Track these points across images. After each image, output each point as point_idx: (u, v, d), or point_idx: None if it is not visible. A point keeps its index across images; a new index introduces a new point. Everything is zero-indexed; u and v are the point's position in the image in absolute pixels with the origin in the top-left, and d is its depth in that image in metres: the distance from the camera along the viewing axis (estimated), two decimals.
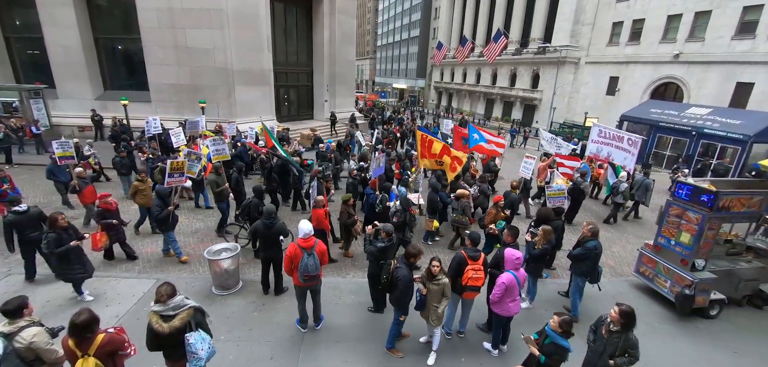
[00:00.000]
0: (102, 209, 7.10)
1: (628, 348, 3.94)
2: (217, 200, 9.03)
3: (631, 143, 11.89)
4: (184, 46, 17.93)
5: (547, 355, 3.97)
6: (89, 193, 8.87)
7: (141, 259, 7.86)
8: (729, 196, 6.28)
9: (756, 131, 16.66)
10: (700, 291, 6.49)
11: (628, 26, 29.19)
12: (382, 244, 5.73)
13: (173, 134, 12.98)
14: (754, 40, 21.50)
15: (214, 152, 9.98)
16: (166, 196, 7.54)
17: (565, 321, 3.89)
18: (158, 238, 8.57)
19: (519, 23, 40.30)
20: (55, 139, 10.24)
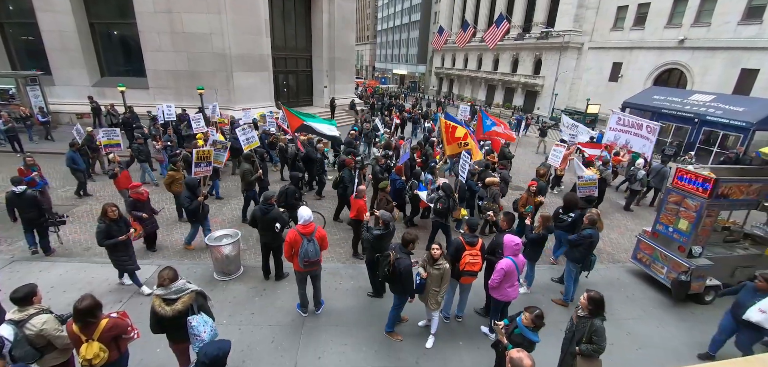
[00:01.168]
0: (133, 199, 7.05)
1: (593, 334, 3.94)
2: (246, 188, 8.90)
3: (650, 130, 11.85)
4: (180, 32, 17.72)
5: (514, 344, 3.94)
6: (124, 178, 8.94)
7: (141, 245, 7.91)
8: (728, 183, 6.28)
9: (759, 118, 16.56)
10: (695, 277, 6.55)
11: (634, 10, 28.71)
12: (378, 232, 5.79)
13: (194, 120, 12.94)
14: (761, 25, 21.18)
15: (244, 141, 9.98)
16: (196, 186, 7.50)
17: (536, 317, 3.91)
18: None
19: (522, 7, 39.64)
20: (73, 127, 10.55)
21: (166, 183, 8.62)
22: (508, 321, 4.19)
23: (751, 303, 4.88)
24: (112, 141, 10.60)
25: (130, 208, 7.03)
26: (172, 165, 8.84)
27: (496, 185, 8.78)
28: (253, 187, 8.98)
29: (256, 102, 19.29)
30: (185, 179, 7.73)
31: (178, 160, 9.00)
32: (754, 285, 5.07)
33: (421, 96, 51.23)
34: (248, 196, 9.04)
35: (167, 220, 9.20)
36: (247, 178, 8.78)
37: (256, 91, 19.78)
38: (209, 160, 8.54)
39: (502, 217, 6.07)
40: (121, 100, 16.11)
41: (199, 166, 8.28)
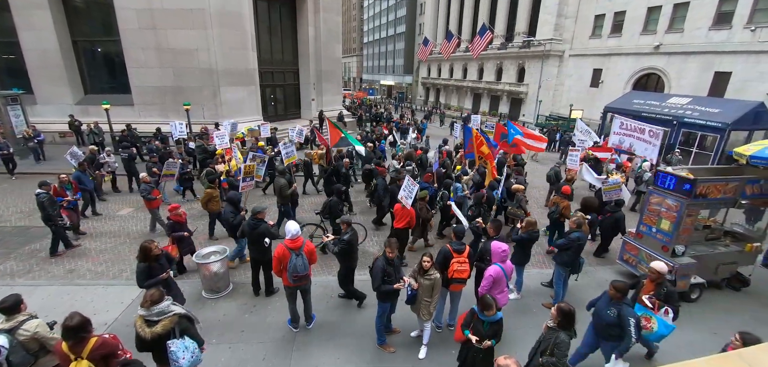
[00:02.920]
0: (173, 221, 7.00)
1: (555, 348, 3.85)
2: (282, 202, 8.95)
3: (653, 134, 12.07)
4: (166, 48, 17.60)
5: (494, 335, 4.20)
6: (156, 201, 8.96)
7: (129, 265, 7.74)
8: (707, 182, 6.49)
9: (734, 119, 17.15)
10: (680, 276, 6.71)
11: (610, 18, 29.70)
12: (347, 236, 5.88)
13: (217, 136, 13.00)
14: (730, 30, 22.11)
15: (285, 155, 10.35)
16: (238, 202, 7.51)
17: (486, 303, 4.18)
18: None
19: (504, 17, 40.61)
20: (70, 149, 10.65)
21: (202, 202, 8.63)
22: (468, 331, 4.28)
23: (606, 312, 4.65)
24: (169, 172, 10.74)
25: (170, 230, 6.99)
26: (209, 184, 8.84)
27: (521, 191, 9.05)
28: (288, 201, 9.03)
29: (244, 116, 19.19)
30: (229, 195, 7.74)
31: (216, 177, 9.13)
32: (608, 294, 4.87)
33: (409, 106, 51.71)
34: (284, 211, 9.03)
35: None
36: (284, 193, 8.84)
37: (243, 105, 19.69)
38: (253, 174, 8.70)
39: (489, 225, 6.14)
40: (105, 118, 15.83)
41: (245, 182, 8.45)
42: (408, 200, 7.58)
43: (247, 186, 8.67)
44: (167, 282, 5.25)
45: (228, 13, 17.93)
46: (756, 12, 20.96)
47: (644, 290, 5.03)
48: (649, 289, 5.00)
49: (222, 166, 10.93)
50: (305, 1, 23.32)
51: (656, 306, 4.73)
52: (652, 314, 4.70)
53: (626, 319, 4.41)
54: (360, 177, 13.15)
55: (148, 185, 8.90)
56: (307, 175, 12.84)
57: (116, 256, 8.15)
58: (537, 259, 8.59)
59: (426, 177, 9.73)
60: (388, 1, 70.99)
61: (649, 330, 4.70)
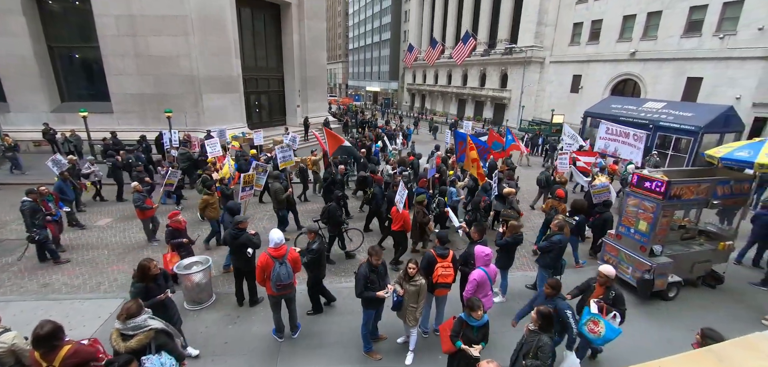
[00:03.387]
0: (173, 228, 6.87)
1: (538, 350, 3.89)
2: (279, 208, 9.04)
3: (637, 138, 12.43)
4: (146, 54, 17.28)
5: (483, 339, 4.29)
6: (149, 210, 8.79)
7: (107, 278, 7.51)
8: (680, 184, 6.73)
9: (706, 122, 17.87)
10: (658, 275, 6.91)
11: (588, 27, 30.66)
12: (315, 245, 5.83)
13: (209, 144, 12.82)
14: (700, 37, 23.11)
15: (281, 159, 10.33)
16: (238, 211, 7.41)
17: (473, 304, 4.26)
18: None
19: (486, 25, 41.42)
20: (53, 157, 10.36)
21: (199, 208, 8.49)
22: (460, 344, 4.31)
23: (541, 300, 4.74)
24: (170, 181, 10.55)
25: (169, 237, 6.83)
26: (206, 191, 8.72)
27: (513, 194, 9.22)
28: (284, 206, 9.07)
29: (227, 123, 18.94)
30: (228, 204, 7.64)
31: (212, 185, 9.01)
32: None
33: (396, 112, 51.96)
34: (281, 215, 9.11)
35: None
36: (279, 197, 8.90)
37: (226, 112, 19.43)
38: (253, 183, 8.66)
39: (473, 229, 6.20)
40: (83, 126, 15.35)
41: (244, 191, 8.43)
42: (400, 204, 7.74)
43: (247, 195, 8.67)
44: (165, 303, 4.95)
45: (210, 19, 17.75)
46: (724, 21, 21.99)
47: (594, 294, 5.06)
48: (598, 293, 5.02)
49: (216, 174, 10.84)
50: (289, 8, 23.27)
51: (604, 310, 4.74)
52: (599, 318, 4.71)
53: (563, 312, 4.51)
54: (354, 184, 13.16)
55: (140, 194, 8.70)
56: (303, 182, 12.79)
57: (94, 268, 7.89)
58: (521, 261, 8.72)
59: (421, 182, 9.85)
60: (373, 8, 71.46)
61: (596, 334, 4.71)
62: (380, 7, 67.83)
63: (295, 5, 23.46)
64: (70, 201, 9.82)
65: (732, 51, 21.49)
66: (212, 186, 9.05)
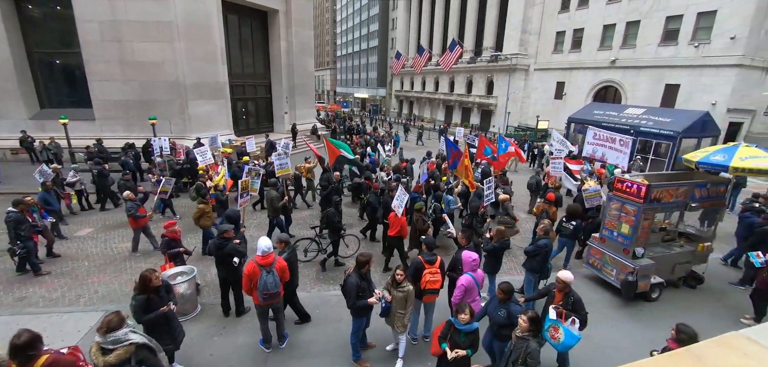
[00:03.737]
0: (169, 238, 6.71)
1: (528, 356, 3.90)
2: (274, 214, 9.05)
3: (623, 144, 12.71)
4: (131, 60, 16.99)
5: (470, 345, 4.27)
6: (144, 219, 8.66)
7: (87, 289, 7.28)
8: (659, 188, 6.93)
9: (684, 128, 18.47)
10: (641, 277, 7.07)
11: (570, 35, 31.48)
12: (284, 254, 5.68)
13: (199, 153, 12.67)
14: (677, 46, 23.98)
15: (278, 166, 10.33)
16: (238, 219, 7.32)
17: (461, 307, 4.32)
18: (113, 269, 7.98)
19: (472, 33, 42.11)
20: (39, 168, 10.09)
21: (194, 217, 8.34)
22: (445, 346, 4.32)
23: (497, 314, 4.73)
24: (164, 189, 10.31)
25: (165, 247, 6.68)
26: (202, 200, 8.58)
27: (507, 200, 9.36)
28: (279, 213, 9.08)
29: (214, 130, 18.66)
30: (228, 212, 7.50)
31: (206, 194, 8.89)
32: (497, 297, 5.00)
33: (384, 119, 52.11)
34: (274, 222, 9.08)
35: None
36: (275, 205, 8.88)
37: (213, 119, 19.20)
38: (249, 189, 8.70)
39: (460, 234, 6.25)
40: (63, 133, 14.95)
41: (243, 197, 8.41)
42: (399, 209, 7.80)
43: (245, 201, 8.66)
44: (167, 316, 4.74)
45: (196, 25, 17.58)
46: (698, 30, 22.87)
47: (554, 300, 5.08)
48: (558, 299, 5.05)
49: (210, 182, 10.76)
50: (276, 15, 23.23)
51: (563, 316, 4.74)
52: (559, 324, 4.72)
53: (516, 317, 4.48)
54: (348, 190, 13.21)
55: (134, 203, 8.53)
56: (297, 190, 12.75)
57: (73, 280, 7.64)
58: (508, 266, 8.80)
59: (416, 188, 9.95)
60: (361, 15, 71.93)
61: (556, 340, 4.72)
62: (368, 14, 68.34)
63: (283, 12, 23.45)
64: (55, 211, 9.56)
65: (707, 59, 22.34)
66: (206, 194, 8.95)
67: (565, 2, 31.64)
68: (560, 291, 4.95)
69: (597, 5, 28.84)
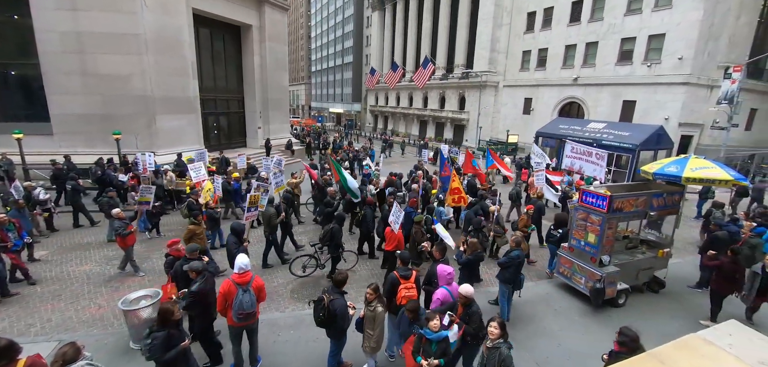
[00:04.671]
0: (173, 257, 6.37)
1: (501, 364, 3.95)
2: (271, 232, 8.97)
3: (599, 157, 13.33)
4: (94, 73, 16.22)
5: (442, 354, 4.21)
6: (131, 237, 8.33)
7: (39, 318, 6.73)
8: (622, 198, 7.32)
9: (641, 141, 19.73)
10: (608, 283, 7.38)
11: (535, 55, 33.12)
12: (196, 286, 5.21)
13: (192, 169, 12.31)
14: (632, 65, 25.74)
15: (275, 184, 10.50)
16: (242, 232, 7.28)
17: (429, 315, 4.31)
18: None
19: (444, 51, 43.43)
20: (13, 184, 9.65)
21: (184, 238, 7.86)
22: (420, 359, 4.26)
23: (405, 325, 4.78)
24: (144, 198, 9.98)
25: (169, 267, 6.38)
26: (193, 219, 8.36)
27: (498, 211, 9.66)
28: (275, 230, 9.06)
29: (183, 145, 18.08)
30: (232, 225, 7.36)
31: (199, 213, 8.70)
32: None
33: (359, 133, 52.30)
34: (271, 240, 9.02)
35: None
36: (272, 222, 8.87)
37: (183, 133, 18.56)
38: (257, 204, 8.65)
39: (434, 248, 6.30)
40: (17, 148, 13.92)
41: (250, 212, 8.47)
42: (396, 225, 7.91)
43: (252, 216, 8.67)
44: (186, 353, 4.40)
45: (166, 39, 17.10)
46: (650, 51, 24.69)
47: (458, 312, 5.03)
48: (459, 311, 5.03)
49: (202, 199, 10.43)
50: (250, 30, 23.02)
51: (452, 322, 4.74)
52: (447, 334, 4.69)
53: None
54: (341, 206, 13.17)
55: (123, 222, 8.15)
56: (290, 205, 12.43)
57: (22, 309, 7.05)
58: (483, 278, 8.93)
59: (411, 202, 10.07)
60: (335, 32, 72.55)
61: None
62: (343, 31, 69.05)
63: (256, 27, 23.26)
64: (28, 231, 9.00)
65: (659, 77, 24.09)
66: (198, 214, 8.64)
67: (530, 24, 33.36)
68: (462, 304, 4.90)
69: (559, 27, 30.58)
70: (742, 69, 19.54)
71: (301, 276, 8.55)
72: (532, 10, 33.03)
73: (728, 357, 2.85)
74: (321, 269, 8.62)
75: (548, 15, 31.54)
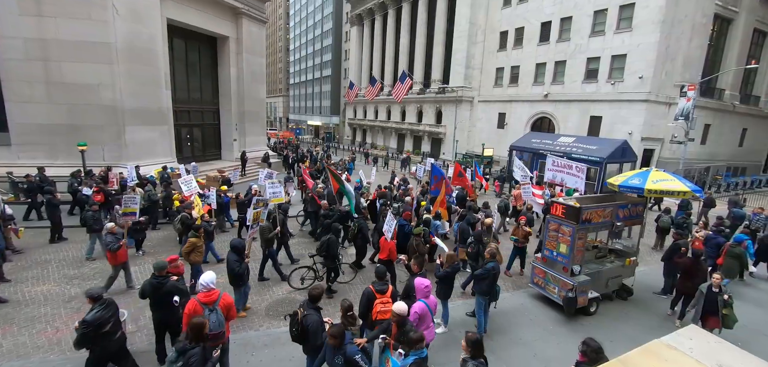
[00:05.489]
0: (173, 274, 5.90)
1: None
2: (266, 245, 8.93)
3: (579, 170, 13.88)
4: (59, 82, 15.49)
5: None
6: (123, 252, 8.03)
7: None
8: (589, 209, 7.64)
9: (607, 154, 20.77)
10: (580, 292, 7.63)
11: (508, 72, 34.47)
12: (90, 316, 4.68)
13: (184, 183, 12.20)
14: (597, 83, 27.21)
15: (271, 195, 10.16)
16: (243, 249, 7.15)
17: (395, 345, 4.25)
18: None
19: (421, 66, 44.37)
20: None
21: (185, 252, 7.67)
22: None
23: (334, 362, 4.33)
24: (129, 209, 9.62)
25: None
26: (195, 233, 8.13)
27: (491, 223, 9.83)
28: (271, 244, 8.99)
29: (155, 158, 17.43)
30: (233, 242, 7.13)
31: (200, 227, 8.47)
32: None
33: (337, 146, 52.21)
34: (267, 253, 8.97)
35: None
36: (265, 236, 8.84)
37: (154, 145, 17.91)
38: (259, 220, 8.58)
39: (413, 261, 6.32)
40: None
41: (252, 228, 8.52)
42: (388, 233, 8.25)
43: (254, 232, 8.66)
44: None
45: (138, 48, 16.58)
46: (613, 70, 26.22)
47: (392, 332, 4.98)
48: (394, 330, 4.96)
49: (196, 212, 10.22)
50: (227, 42, 22.70)
51: (391, 346, 4.74)
52: (389, 355, 4.66)
53: (353, 358, 4.25)
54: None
55: (115, 236, 7.78)
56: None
57: None
58: (459, 290, 9.00)
59: (405, 215, 10.15)
60: (314, 45, 72.72)
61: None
62: (321, 44, 69.33)
63: (234, 39, 22.97)
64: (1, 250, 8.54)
65: (622, 95, 25.55)
66: (199, 228, 8.46)
67: (503, 42, 34.74)
68: (395, 323, 4.75)
69: (530, 46, 31.98)
70: (696, 88, 21.03)
71: (300, 288, 8.53)
72: (504, 30, 34.45)
73: (689, 360, 3.01)
74: (319, 280, 8.65)
75: (520, 35, 32.98)
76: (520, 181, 15.97)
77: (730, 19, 26.99)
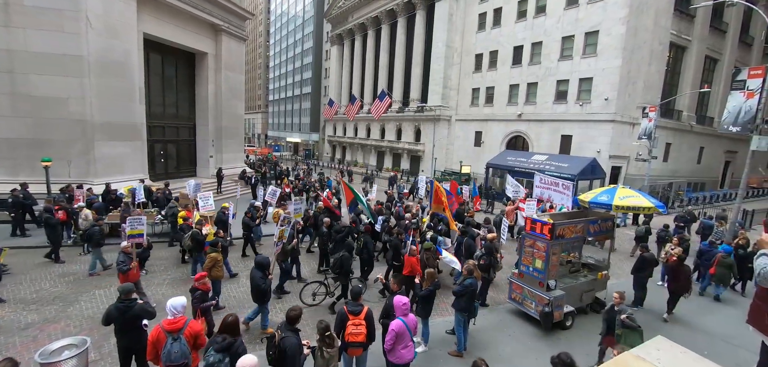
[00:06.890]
0: (201, 291, 6.23)
1: None
2: (282, 259, 9.04)
3: (565, 187, 14.29)
4: (25, 94, 14.83)
5: None
6: (133, 274, 7.94)
7: None
8: (562, 225, 7.95)
9: (579, 171, 21.71)
10: (556, 307, 7.84)
11: (484, 92, 35.66)
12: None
13: (201, 198, 12.94)
14: (567, 104, 28.55)
15: (294, 211, 10.80)
16: (268, 266, 7.23)
17: None
18: None
19: (400, 85, 45.21)
20: None
21: (206, 267, 7.62)
22: None
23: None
24: (136, 231, 9.07)
25: (198, 302, 6.17)
26: (215, 249, 8.22)
27: (495, 238, 9.95)
28: (287, 257, 9.19)
29: (125, 174, 16.80)
30: (257, 258, 7.28)
31: (218, 242, 8.53)
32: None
33: (316, 163, 51.86)
34: (283, 266, 9.14)
35: None
36: (285, 249, 9.00)
37: (125, 161, 17.29)
38: (283, 239, 8.78)
39: (391, 279, 6.33)
40: None
41: (277, 246, 8.63)
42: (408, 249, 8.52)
43: (278, 250, 8.73)
44: None
45: (111, 62, 16.14)
46: (581, 92, 27.61)
47: None
48: None
49: (206, 229, 10.20)
50: (205, 58, 22.45)
51: None
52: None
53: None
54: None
55: (127, 256, 7.64)
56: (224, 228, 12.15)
57: None
58: (440, 308, 9.00)
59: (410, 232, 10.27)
60: (294, 63, 72.75)
61: None
62: (301, 62, 69.46)
63: (213, 55, 22.75)
64: None
65: (590, 115, 26.87)
66: (217, 243, 8.43)
67: (478, 64, 36.04)
68: None
69: (504, 68, 33.31)
70: (657, 109, 22.42)
71: (312, 305, 8.50)
72: (479, 52, 35.78)
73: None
74: (331, 296, 8.63)
75: (494, 57, 34.32)
76: (512, 197, 16.39)
77: (684, 46, 29.13)
